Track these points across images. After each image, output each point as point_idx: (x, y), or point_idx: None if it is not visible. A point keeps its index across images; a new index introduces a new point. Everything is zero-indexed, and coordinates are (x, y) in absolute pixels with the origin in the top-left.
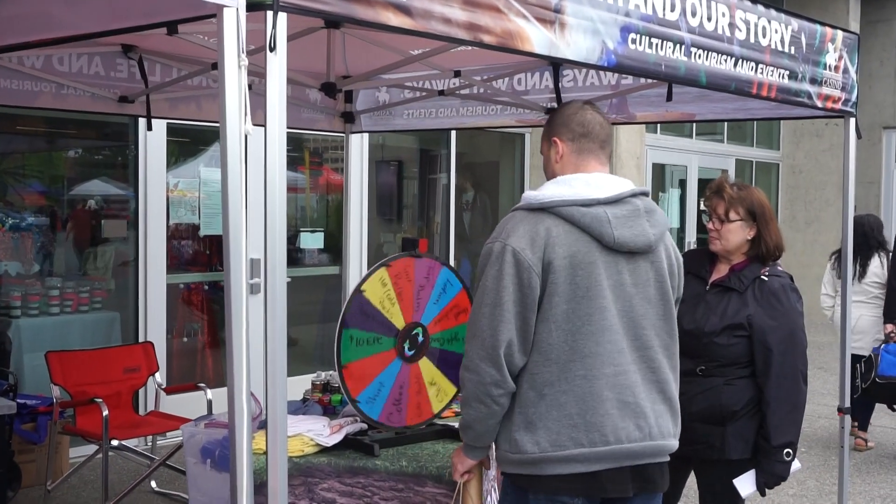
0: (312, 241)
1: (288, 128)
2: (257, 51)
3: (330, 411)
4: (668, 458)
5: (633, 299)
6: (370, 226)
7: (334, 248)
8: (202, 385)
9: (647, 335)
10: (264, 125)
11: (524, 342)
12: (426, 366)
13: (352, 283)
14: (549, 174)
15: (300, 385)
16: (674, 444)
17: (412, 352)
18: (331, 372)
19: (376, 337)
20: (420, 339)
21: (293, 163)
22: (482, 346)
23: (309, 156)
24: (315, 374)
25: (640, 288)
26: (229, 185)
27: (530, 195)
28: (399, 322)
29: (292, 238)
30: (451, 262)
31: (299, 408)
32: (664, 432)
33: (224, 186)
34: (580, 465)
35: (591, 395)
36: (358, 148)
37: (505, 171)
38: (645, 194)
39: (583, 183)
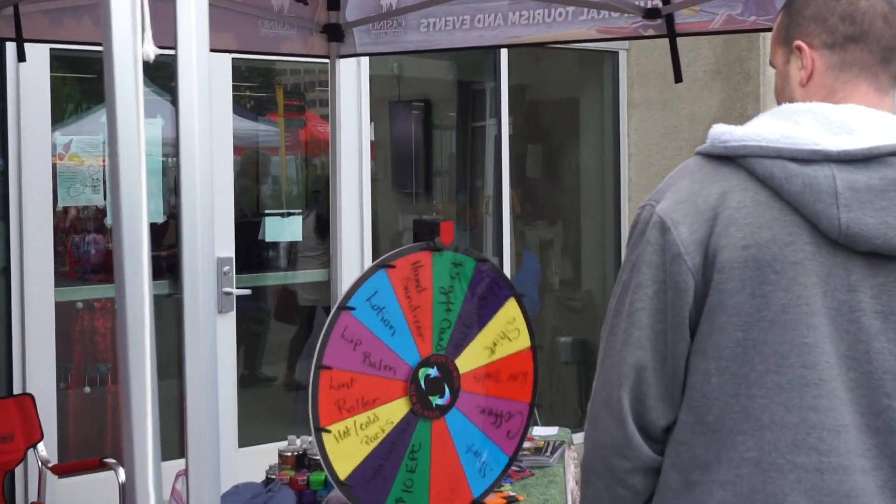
0: (287, 230)
1: (239, 52)
2: None
3: (308, 498)
4: None
5: (875, 340)
6: (380, 205)
7: (322, 242)
8: (111, 461)
9: None
10: (174, 47)
11: (667, 384)
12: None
13: None
14: (785, 101)
15: (264, 458)
16: None
17: (434, 401)
18: (310, 439)
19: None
20: (441, 381)
21: (261, 107)
22: (604, 382)
23: (283, 96)
24: (285, 442)
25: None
26: (119, 142)
27: (718, 131)
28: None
29: (253, 226)
30: (507, 259)
31: (259, 494)
32: None
33: (112, 142)
34: None
35: (763, 497)
36: (353, 81)
37: (589, 112)
38: None
39: (819, 118)
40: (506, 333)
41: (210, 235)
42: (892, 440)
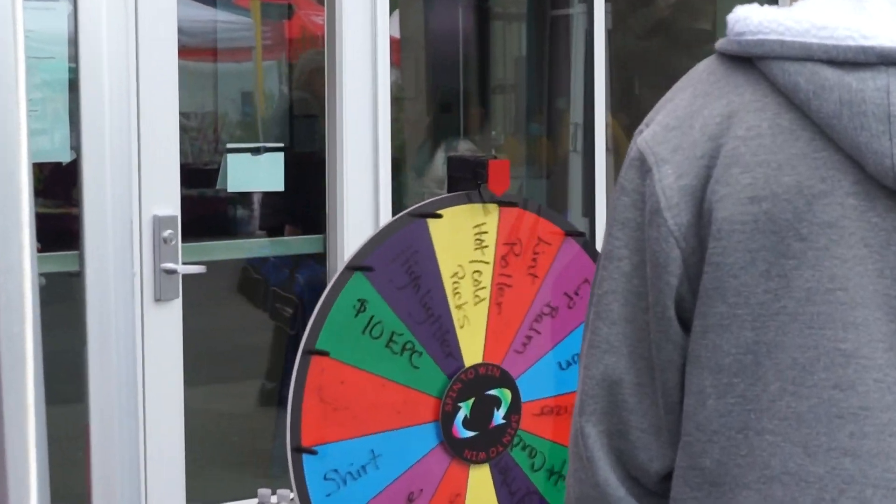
0: (261, 174)
1: None
2: None
3: None
4: None
5: None
6: (407, 138)
7: (311, 192)
8: None
9: None
10: None
11: (658, 407)
12: (480, 481)
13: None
14: None
15: None
16: None
17: (471, 433)
18: (291, 495)
19: (413, 345)
20: (499, 416)
21: None
22: (577, 401)
23: None
24: (254, 500)
25: None
26: None
27: (734, 17)
28: (472, 351)
29: (209, 169)
30: (603, 220)
31: None
32: None
33: None
34: None
35: None
36: None
37: None
38: None
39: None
40: None
41: (126, 181)
42: None
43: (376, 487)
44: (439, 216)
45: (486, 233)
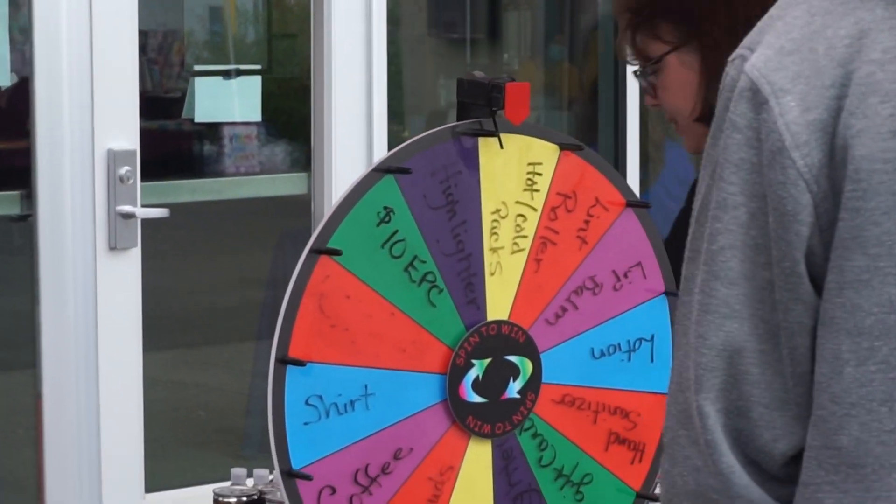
0: (233, 102)
1: None
2: None
3: None
4: None
5: None
6: (405, 62)
7: (294, 124)
8: None
9: None
10: None
11: (784, 378)
12: (479, 459)
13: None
14: None
15: None
16: None
17: (480, 399)
18: (269, 475)
19: (435, 278)
20: (514, 388)
21: None
22: (677, 384)
23: None
24: (227, 483)
25: None
26: None
27: None
28: (498, 305)
29: (173, 97)
30: (633, 156)
31: None
32: None
33: None
34: None
35: None
36: None
37: None
38: None
39: None
40: None
41: (86, 108)
42: None
43: (362, 431)
44: (495, 134)
45: (540, 175)
